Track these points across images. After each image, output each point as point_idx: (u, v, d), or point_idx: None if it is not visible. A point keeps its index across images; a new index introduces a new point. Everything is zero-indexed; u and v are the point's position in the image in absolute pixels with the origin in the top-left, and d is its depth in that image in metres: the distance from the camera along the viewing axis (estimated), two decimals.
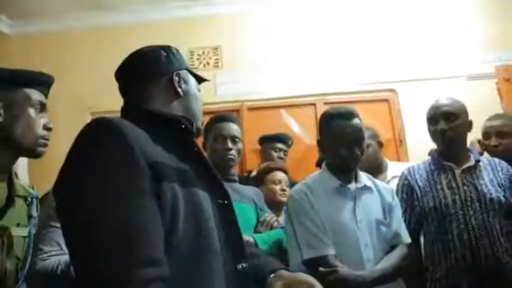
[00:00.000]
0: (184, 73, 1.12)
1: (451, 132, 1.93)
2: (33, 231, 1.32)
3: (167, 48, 1.13)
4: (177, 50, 1.15)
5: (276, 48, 3.82)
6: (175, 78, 1.08)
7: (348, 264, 1.53)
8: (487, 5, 3.83)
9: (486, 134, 2.39)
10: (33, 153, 1.30)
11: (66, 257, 1.44)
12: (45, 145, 1.31)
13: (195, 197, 0.90)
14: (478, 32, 3.75)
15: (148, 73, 1.08)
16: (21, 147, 1.26)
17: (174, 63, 1.11)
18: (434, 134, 1.98)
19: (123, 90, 1.11)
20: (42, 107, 1.32)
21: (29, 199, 1.34)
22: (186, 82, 1.11)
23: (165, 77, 1.08)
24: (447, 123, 1.93)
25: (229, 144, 1.86)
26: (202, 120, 1.17)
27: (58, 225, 1.45)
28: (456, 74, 3.64)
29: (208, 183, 0.97)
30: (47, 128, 1.31)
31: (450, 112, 1.94)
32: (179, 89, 1.08)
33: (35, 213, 1.35)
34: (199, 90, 1.16)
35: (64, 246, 1.46)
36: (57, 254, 1.46)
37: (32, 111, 1.28)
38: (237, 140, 1.89)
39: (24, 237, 1.29)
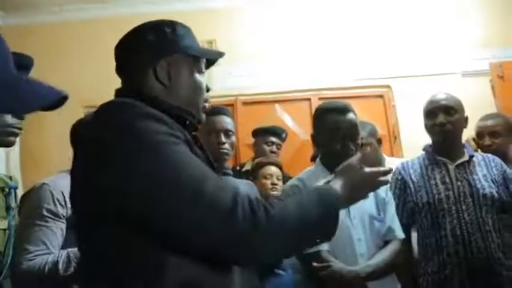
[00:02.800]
0: (178, 57, 1.00)
1: (449, 125, 1.93)
2: (13, 222, 1.27)
3: (162, 27, 1.01)
4: (174, 28, 1.02)
5: (271, 42, 3.81)
6: (163, 64, 0.98)
7: (341, 259, 1.53)
8: (482, 3, 3.84)
9: (480, 133, 2.39)
10: (2, 142, 1.16)
11: (53, 256, 1.40)
12: (17, 134, 1.17)
13: None
14: (473, 29, 3.76)
15: (141, 55, 1.00)
16: None
17: (167, 46, 1.00)
18: (433, 128, 1.97)
19: (119, 70, 1.04)
20: None
21: (7, 190, 1.29)
22: (177, 68, 1.00)
23: (157, 60, 0.99)
24: (446, 117, 1.93)
25: (223, 138, 1.82)
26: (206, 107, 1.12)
27: (43, 223, 1.42)
28: (451, 71, 3.65)
29: None
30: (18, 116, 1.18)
31: (449, 106, 1.95)
32: (166, 77, 0.98)
33: (13, 204, 1.29)
34: (202, 72, 1.05)
35: (50, 245, 1.42)
36: (43, 254, 1.41)
37: None
38: (230, 133, 1.86)
39: (4, 229, 1.25)
